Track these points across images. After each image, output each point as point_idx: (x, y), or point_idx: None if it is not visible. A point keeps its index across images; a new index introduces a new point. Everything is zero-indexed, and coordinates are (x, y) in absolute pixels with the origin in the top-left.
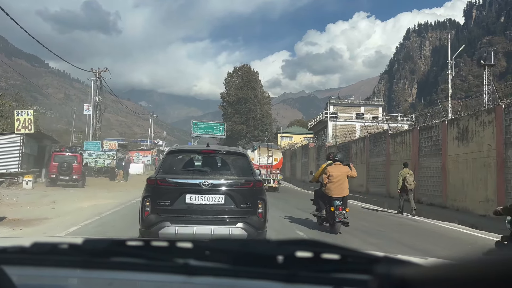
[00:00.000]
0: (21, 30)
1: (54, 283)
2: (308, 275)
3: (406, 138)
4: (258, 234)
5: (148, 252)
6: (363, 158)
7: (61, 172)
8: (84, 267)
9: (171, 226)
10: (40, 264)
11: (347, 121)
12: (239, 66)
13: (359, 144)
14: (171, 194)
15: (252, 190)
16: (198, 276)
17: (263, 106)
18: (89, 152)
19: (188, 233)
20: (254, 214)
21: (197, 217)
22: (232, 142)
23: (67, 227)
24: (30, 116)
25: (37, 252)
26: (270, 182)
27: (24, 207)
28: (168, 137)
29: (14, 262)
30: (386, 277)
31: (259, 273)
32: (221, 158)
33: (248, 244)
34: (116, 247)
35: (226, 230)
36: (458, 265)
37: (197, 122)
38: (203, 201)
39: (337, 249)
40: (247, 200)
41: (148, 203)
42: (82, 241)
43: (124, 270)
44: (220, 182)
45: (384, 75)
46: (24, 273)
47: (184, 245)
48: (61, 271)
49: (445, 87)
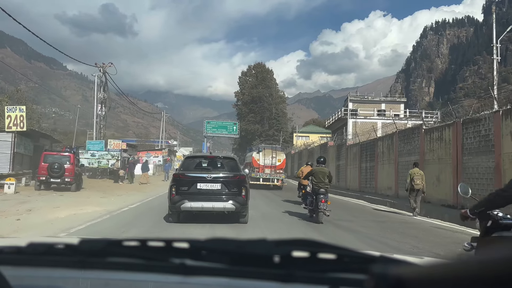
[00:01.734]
0: (40, 33)
1: (50, 284)
2: (304, 275)
3: (445, 133)
4: (242, 207)
5: (144, 252)
6: (391, 158)
7: (52, 174)
8: (80, 267)
9: (188, 202)
10: (36, 265)
11: (367, 118)
12: (253, 65)
13: (386, 142)
14: (188, 183)
15: (239, 180)
16: (194, 276)
17: (278, 105)
18: (92, 152)
19: (198, 206)
20: (239, 195)
21: (204, 197)
22: (246, 142)
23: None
24: (22, 112)
25: (33, 253)
26: (274, 181)
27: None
28: (184, 138)
29: (10, 263)
30: (382, 276)
31: (255, 273)
32: (219, 161)
33: (245, 244)
34: (113, 247)
35: (222, 205)
36: (454, 265)
37: (210, 121)
38: (208, 187)
39: (333, 249)
40: (235, 187)
41: (174, 188)
42: (78, 241)
43: (120, 270)
44: (218, 176)
45: (401, 74)
46: (20, 274)
47: (180, 245)
48: (57, 271)
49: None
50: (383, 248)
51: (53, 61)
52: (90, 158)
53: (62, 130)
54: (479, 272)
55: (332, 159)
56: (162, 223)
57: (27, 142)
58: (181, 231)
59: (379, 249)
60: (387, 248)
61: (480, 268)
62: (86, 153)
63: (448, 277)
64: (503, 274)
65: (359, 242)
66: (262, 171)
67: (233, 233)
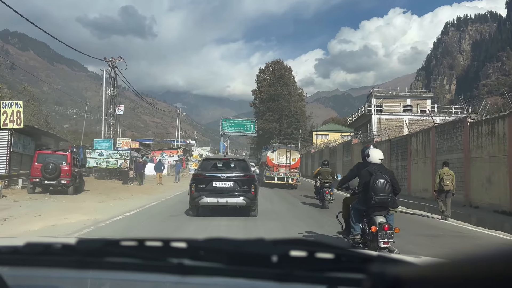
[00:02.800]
0: (63, 36)
1: (47, 284)
2: (302, 274)
3: (498, 127)
4: (252, 202)
5: (142, 252)
6: (427, 156)
7: (46, 176)
8: (77, 267)
9: (205, 198)
10: (34, 265)
11: (393, 114)
12: (271, 62)
13: (421, 138)
14: (205, 181)
15: (249, 179)
16: (192, 276)
17: (296, 103)
18: (100, 151)
19: (214, 201)
20: (249, 192)
21: (219, 193)
22: (264, 141)
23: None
24: (19, 108)
25: (30, 253)
26: (288, 180)
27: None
28: (203, 138)
29: (7, 263)
30: (379, 276)
31: (253, 272)
32: (232, 162)
33: (242, 243)
34: (110, 247)
35: (234, 200)
36: (451, 264)
37: (227, 119)
38: (222, 185)
39: (331, 248)
40: (245, 184)
41: (193, 186)
42: (75, 241)
43: (118, 270)
44: (231, 175)
45: (421, 71)
46: (17, 274)
47: (178, 245)
48: (55, 271)
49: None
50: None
51: (74, 63)
52: (98, 157)
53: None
54: (475, 271)
55: (357, 158)
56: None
57: (26, 140)
58: (200, 223)
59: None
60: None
61: (476, 268)
62: (93, 153)
63: (445, 277)
64: (499, 274)
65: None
66: (276, 170)
67: (251, 224)
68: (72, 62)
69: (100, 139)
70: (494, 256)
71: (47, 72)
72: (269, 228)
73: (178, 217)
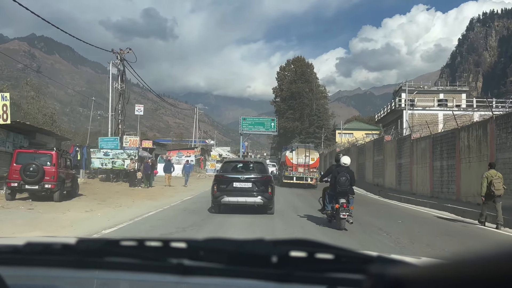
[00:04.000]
0: (86, 39)
1: (47, 283)
2: (302, 275)
3: None
4: (269, 201)
5: (142, 252)
6: (483, 153)
7: (26, 179)
8: (77, 267)
9: (226, 197)
10: (34, 264)
11: (426, 109)
12: (292, 59)
13: (474, 133)
14: (226, 182)
15: (266, 180)
16: (192, 276)
17: (318, 100)
18: (105, 150)
19: (234, 200)
20: (266, 192)
21: (239, 193)
22: (285, 141)
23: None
24: (5, 101)
25: (30, 252)
26: (307, 180)
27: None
28: (224, 138)
29: (7, 263)
30: (380, 276)
31: (253, 272)
32: (250, 165)
33: (242, 244)
34: (110, 247)
35: (252, 199)
36: (452, 265)
37: (246, 117)
38: (241, 185)
39: (331, 249)
40: (263, 185)
41: (216, 186)
42: (75, 241)
43: (118, 270)
44: (250, 176)
45: (446, 68)
46: (17, 273)
47: (178, 245)
48: (55, 271)
49: None
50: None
51: (98, 65)
52: (103, 158)
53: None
54: (476, 272)
55: (390, 157)
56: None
57: (18, 138)
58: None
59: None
60: None
61: (477, 268)
62: (98, 152)
63: (446, 277)
64: (500, 274)
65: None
66: (295, 169)
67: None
68: (96, 65)
69: (106, 138)
70: (495, 256)
71: (71, 75)
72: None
73: (172, 234)
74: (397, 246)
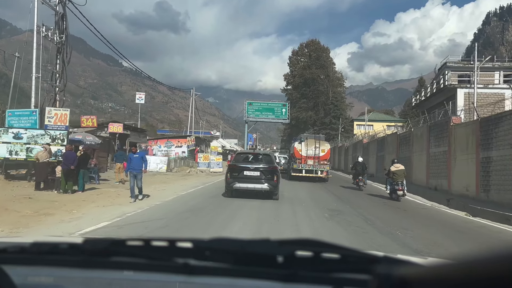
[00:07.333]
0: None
1: (54, 283)
2: (308, 275)
3: None
4: (274, 188)
5: (148, 252)
6: None
7: None
8: (84, 266)
9: (238, 183)
10: (40, 264)
11: (487, 87)
12: (305, 42)
13: None
14: (238, 170)
15: (272, 170)
16: (198, 275)
17: (335, 88)
18: (17, 131)
19: (244, 186)
20: (272, 180)
21: (249, 180)
22: (297, 133)
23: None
24: None
25: (37, 252)
26: (317, 173)
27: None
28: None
29: (14, 262)
30: (386, 277)
31: (259, 272)
32: (259, 156)
33: (248, 244)
34: (116, 247)
35: (260, 186)
36: (458, 265)
37: (252, 102)
38: (251, 174)
39: (337, 249)
40: (269, 174)
41: (229, 174)
42: (82, 240)
43: (124, 269)
44: (258, 166)
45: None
46: (25, 273)
47: (184, 244)
48: (61, 271)
49: None
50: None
51: (110, 58)
52: (13, 142)
53: None
54: (482, 272)
55: (463, 147)
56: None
57: None
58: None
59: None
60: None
61: (483, 269)
62: (6, 134)
63: (452, 278)
64: (506, 274)
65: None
66: (304, 162)
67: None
68: (107, 57)
69: (18, 110)
70: (500, 256)
71: (83, 67)
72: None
73: None
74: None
